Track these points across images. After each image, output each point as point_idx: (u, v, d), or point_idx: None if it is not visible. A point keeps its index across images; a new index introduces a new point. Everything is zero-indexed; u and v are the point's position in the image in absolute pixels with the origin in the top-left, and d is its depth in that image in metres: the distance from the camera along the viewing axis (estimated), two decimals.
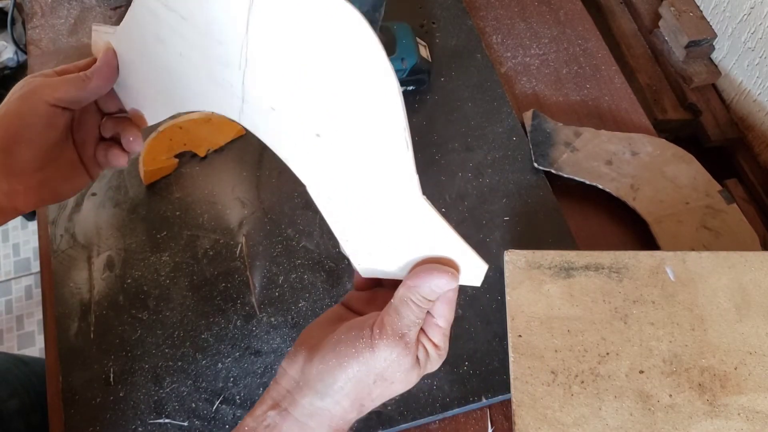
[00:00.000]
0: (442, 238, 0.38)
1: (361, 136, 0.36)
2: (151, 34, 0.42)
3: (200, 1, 0.37)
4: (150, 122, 0.48)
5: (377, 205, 0.39)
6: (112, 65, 0.44)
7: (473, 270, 0.39)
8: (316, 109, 0.37)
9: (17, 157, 0.43)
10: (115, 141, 0.49)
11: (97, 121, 0.48)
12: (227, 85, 0.40)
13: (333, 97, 0.36)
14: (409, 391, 0.57)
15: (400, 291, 0.38)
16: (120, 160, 0.49)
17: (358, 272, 0.43)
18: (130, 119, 0.48)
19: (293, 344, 0.40)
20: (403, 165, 0.36)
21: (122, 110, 0.49)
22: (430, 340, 0.39)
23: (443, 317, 0.39)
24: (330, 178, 0.39)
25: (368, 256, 0.41)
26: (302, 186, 0.43)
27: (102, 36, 0.45)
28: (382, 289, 0.44)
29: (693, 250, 0.61)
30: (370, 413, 0.58)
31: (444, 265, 0.38)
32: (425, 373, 0.40)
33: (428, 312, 0.39)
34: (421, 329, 0.39)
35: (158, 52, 0.42)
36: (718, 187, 0.68)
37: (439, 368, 0.58)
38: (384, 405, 0.57)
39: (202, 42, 0.39)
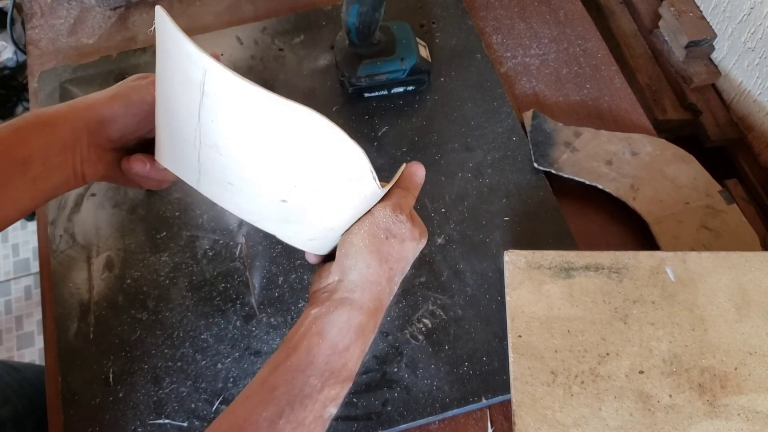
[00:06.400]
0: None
1: (332, 192, 0.42)
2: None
3: (165, 81, 0.41)
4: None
5: (342, 215, 0.45)
6: None
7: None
8: (276, 183, 0.41)
9: (107, 134, 0.49)
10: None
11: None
12: (187, 157, 0.44)
13: (295, 176, 0.40)
14: (409, 392, 0.58)
15: (396, 191, 0.46)
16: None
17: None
18: None
19: (310, 286, 0.47)
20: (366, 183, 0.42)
21: None
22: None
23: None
24: (299, 222, 0.45)
25: (330, 243, 0.48)
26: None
27: None
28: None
29: (693, 250, 0.61)
30: (370, 414, 0.58)
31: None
32: (424, 243, 0.47)
33: None
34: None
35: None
36: (718, 187, 0.68)
37: (439, 368, 0.58)
38: (384, 405, 0.57)
39: (168, 113, 0.43)
